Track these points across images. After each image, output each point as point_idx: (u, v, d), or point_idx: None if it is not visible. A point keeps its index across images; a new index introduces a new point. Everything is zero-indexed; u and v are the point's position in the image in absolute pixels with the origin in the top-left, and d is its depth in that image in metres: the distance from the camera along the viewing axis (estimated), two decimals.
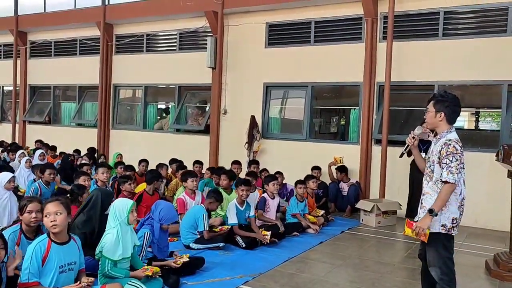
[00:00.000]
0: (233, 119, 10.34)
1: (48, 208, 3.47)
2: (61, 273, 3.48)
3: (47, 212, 3.46)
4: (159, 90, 12.25)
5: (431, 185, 3.51)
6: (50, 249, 3.43)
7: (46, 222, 3.47)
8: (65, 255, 3.53)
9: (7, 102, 14.86)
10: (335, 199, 8.69)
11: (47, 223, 3.46)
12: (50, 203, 3.51)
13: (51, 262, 3.42)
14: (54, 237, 3.49)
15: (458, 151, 3.36)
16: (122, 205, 4.07)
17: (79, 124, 13.11)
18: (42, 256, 3.39)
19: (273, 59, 9.94)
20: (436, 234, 3.45)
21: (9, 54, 14.28)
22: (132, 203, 4.12)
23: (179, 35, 11.22)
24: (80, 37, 12.73)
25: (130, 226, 4.08)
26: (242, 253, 5.69)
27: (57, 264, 3.44)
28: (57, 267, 3.44)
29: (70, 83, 13.22)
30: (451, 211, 3.42)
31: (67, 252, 3.55)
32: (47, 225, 3.47)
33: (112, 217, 4.02)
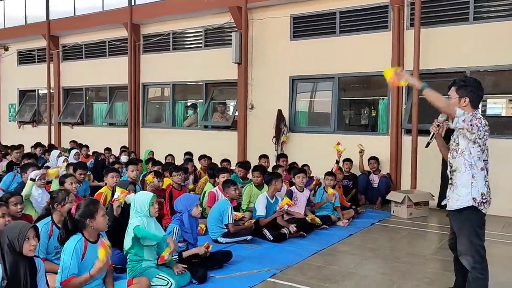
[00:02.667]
0: (260, 113, 10.33)
1: (103, 208, 3.70)
2: None
3: (103, 212, 3.66)
4: (187, 87, 12.36)
5: (457, 158, 3.43)
6: (87, 248, 3.57)
7: (103, 221, 3.66)
8: (97, 253, 3.63)
9: (43, 105, 15.32)
10: (365, 191, 8.56)
11: (103, 222, 3.67)
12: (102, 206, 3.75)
13: (88, 260, 3.54)
14: (89, 236, 3.62)
15: (482, 124, 3.33)
16: (142, 198, 4.16)
17: (110, 124, 13.39)
18: (81, 254, 3.52)
19: (298, 52, 9.86)
20: (467, 210, 3.37)
21: (42, 58, 14.71)
22: (152, 195, 4.20)
23: (204, 32, 11.28)
24: (109, 38, 12.99)
25: (153, 219, 4.15)
26: (269, 246, 5.68)
27: (92, 261, 3.54)
28: (92, 264, 3.54)
29: (101, 84, 13.52)
30: (479, 186, 3.37)
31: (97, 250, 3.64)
32: (103, 224, 3.67)
33: (134, 211, 4.11)
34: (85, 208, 3.60)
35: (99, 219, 3.62)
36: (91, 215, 3.57)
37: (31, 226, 3.25)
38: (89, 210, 3.59)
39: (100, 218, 3.62)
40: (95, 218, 3.59)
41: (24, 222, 3.46)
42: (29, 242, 3.14)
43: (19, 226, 3.22)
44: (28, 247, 3.12)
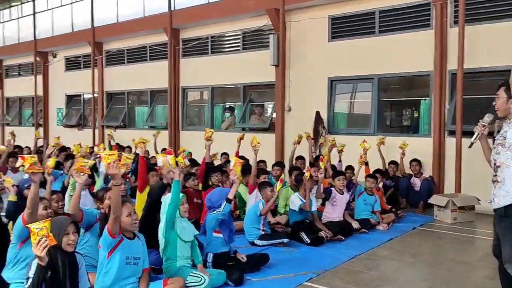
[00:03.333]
0: (298, 115, 10.27)
1: (130, 207, 3.76)
2: (127, 264, 3.68)
3: (129, 212, 3.73)
4: (225, 90, 12.46)
5: (503, 153, 3.25)
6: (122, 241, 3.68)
7: (129, 220, 3.72)
8: (131, 250, 3.74)
9: (87, 109, 15.86)
10: (406, 194, 8.33)
11: (129, 221, 3.73)
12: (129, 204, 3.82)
13: (119, 252, 3.64)
14: (126, 232, 3.73)
15: None
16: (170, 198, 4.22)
17: (151, 127, 13.69)
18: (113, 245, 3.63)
19: (337, 53, 9.74)
20: None
21: (87, 64, 15.25)
22: (181, 196, 4.25)
23: (242, 35, 11.35)
24: (150, 43, 13.30)
25: (185, 218, 4.21)
26: (306, 250, 5.61)
27: (125, 254, 3.65)
28: (124, 258, 3.63)
29: (142, 88, 13.85)
30: None
31: (133, 247, 3.77)
32: (130, 223, 3.74)
33: (163, 212, 4.19)
34: None
35: (125, 219, 3.70)
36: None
37: (71, 221, 3.36)
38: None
39: (125, 218, 3.70)
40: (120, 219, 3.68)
41: (65, 217, 3.58)
42: (69, 237, 3.24)
43: (60, 221, 3.33)
44: (67, 242, 3.23)
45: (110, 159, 3.53)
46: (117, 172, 3.52)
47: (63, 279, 3.21)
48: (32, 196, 3.60)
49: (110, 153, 3.63)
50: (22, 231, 3.58)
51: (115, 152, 3.73)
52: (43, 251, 2.88)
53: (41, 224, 2.94)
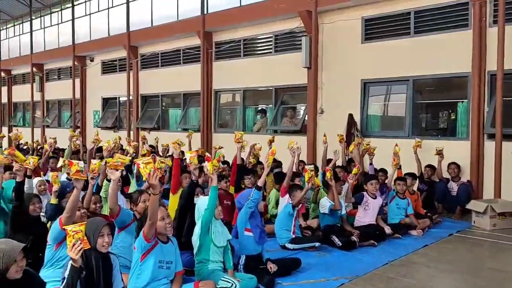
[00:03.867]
0: (330, 118, 10.16)
1: (163, 212, 3.78)
2: (159, 268, 3.72)
3: (162, 216, 3.75)
4: (257, 92, 12.48)
5: None
6: (157, 245, 3.71)
7: (163, 225, 3.75)
8: (164, 254, 3.78)
9: (123, 111, 16.22)
10: (443, 199, 8.09)
11: (163, 225, 3.76)
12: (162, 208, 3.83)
13: (152, 256, 3.67)
14: (160, 235, 3.76)
15: None
16: (203, 203, 4.23)
17: (184, 129, 13.84)
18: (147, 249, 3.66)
19: (370, 55, 9.59)
20: None
21: (123, 67, 15.60)
22: None
23: (274, 37, 11.35)
24: (183, 46, 13.48)
25: (219, 221, 4.22)
26: (338, 254, 5.54)
27: (158, 258, 3.68)
28: (157, 261, 3.66)
29: (175, 91, 14.05)
30: None
31: (166, 251, 3.81)
32: (164, 227, 3.76)
33: (198, 216, 4.21)
34: (146, 212, 3.73)
35: (158, 223, 3.71)
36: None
37: (107, 223, 3.42)
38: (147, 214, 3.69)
39: (159, 222, 3.71)
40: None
41: (101, 218, 3.65)
42: (103, 238, 3.31)
43: (96, 222, 3.41)
44: (101, 243, 3.29)
45: (148, 168, 3.51)
46: (157, 183, 3.51)
47: (97, 279, 3.29)
48: (72, 201, 3.66)
49: (146, 161, 3.60)
50: (59, 234, 3.67)
51: (150, 159, 3.71)
52: (78, 254, 2.96)
53: (77, 227, 3.00)
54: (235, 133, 6.99)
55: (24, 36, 20.93)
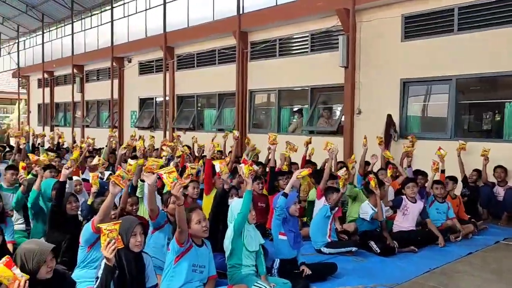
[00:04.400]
0: (368, 118, 9.89)
1: (200, 215, 3.71)
2: (193, 271, 3.66)
3: (199, 219, 3.68)
4: (292, 93, 12.32)
5: None
6: (191, 249, 3.65)
7: (199, 228, 3.67)
8: (198, 257, 3.72)
9: (159, 112, 16.41)
10: (488, 204, 7.70)
11: (199, 229, 3.68)
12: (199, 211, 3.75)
13: (186, 260, 3.60)
14: (195, 238, 3.70)
15: None
16: (238, 206, 4.12)
17: (219, 129, 13.85)
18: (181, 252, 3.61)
19: (410, 53, 9.26)
20: None
21: (160, 68, 15.78)
22: None
23: (310, 37, 11.16)
24: (219, 47, 13.49)
25: (252, 226, 4.11)
26: (376, 260, 5.33)
27: (192, 262, 3.61)
28: (191, 265, 3.60)
29: (211, 91, 14.08)
30: None
31: (200, 254, 3.75)
32: (200, 230, 3.68)
33: (231, 220, 4.11)
34: None
35: (194, 226, 3.64)
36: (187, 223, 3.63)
37: (139, 222, 3.38)
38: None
39: (194, 225, 3.64)
40: (190, 226, 3.62)
41: (134, 218, 3.62)
42: (136, 237, 3.27)
43: (129, 221, 3.38)
44: (134, 243, 3.26)
45: (171, 177, 3.44)
46: (180, 195, 3.45)
47: (130, 279, 3.25)
48: (106, 205, 3.63)
49: (169, 170, 3.53)
50: (91, 236, 3.67)
51: (173, 168, 3.63)
52: (112, 253, 2.92)
53: (111, 226, 2.97)
54: (269, 134, 6.86)
55: (66, 39, 21.57)
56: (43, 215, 5.12)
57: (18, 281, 2.49)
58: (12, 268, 2.53)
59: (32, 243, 2.98)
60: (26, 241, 3.25)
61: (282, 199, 4.55)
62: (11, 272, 2.52)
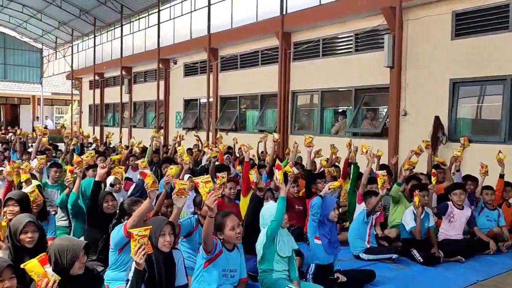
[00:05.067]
0: (414, 120, 9.50)
1: (234, 221, 3.62)
2: (223, 276, 3.59)
3: (233, 226, 3.59)
4: (335, 94, 12.07)
5: None
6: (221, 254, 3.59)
7: (233, 234, 3.58)
8: (229, 262, 3.65)
9: (203, 112, 16.58)
10: None
11: (233, 235, 3.59)
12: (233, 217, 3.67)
13: (216, 265, 3.55)
14: (226, 243, 3.63)
15: None
16: (270, 210, 4.04)
17: (261, 130, 13.79)
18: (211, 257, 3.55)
19: (460, 52, 8.80)
20: None
21: (204, 69, 15.93)
22: None
23: (354, 36, 10.88)
24: (261, 48, 13.44)
25: (285, 230, 3.99)
26: (419, 269, 5.06)
27: (222, 267, 3.55)
28: (221, 270, 3.55)
29: (253, 92, 14.06)
30: None
31: (231, 259, 3.67)
32: (233, 237, 3.60)
33: (263, 224, 4.02)
34: (216, 220, 3.56)
35: (228, 232, 3.55)
36: (219, 229, 3.56)
37: (168, 222, 3.36)
38: (218, 223, 3.56)
39: (228, 232, 3.55)
40: (223, 232, 3.54)
41: (163, 218, 3.61)
42: (165, 237, 3.24)
43: (157, 221, 3.36)
44: (162, 242, 3.24)
45: (208, 187, 3.37)
46: (214, 206, 3.36)
47: (159, 279, 3.23)
48: (142, 210, 3.59)
49: (206, 180, 3.46)
50: (121, 240, 3.66)
51: (209, 178, 3.54)
52: (143, 258, 2.92)
53: (142, 231, 2.96)
54: (305, 137, 6.68)
55: (116, 41, 22.29)
56: (82, 214, 5.19)
57: (48, 280, 2.51)
58: (45, 266, 2.55)
59: (64, 240, 3.02)
60: (58, 238, 3.30)
61: (318, 198, 4.40)
62: (43, 269, 2.54)
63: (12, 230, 3.38)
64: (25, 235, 3.37)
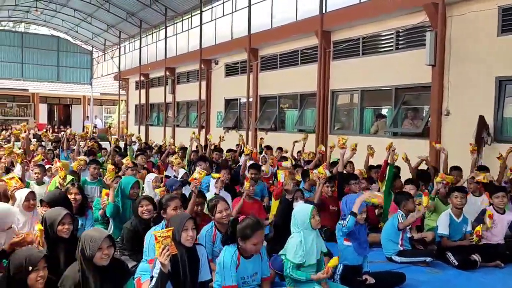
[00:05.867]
0: (457, 120, 9.18)
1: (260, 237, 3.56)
2: (243, 283, 3.60)
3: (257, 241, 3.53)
4: (376, 93, 11.83)
5: None
6: (240, 263, 3.58)
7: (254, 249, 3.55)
8: (248, 269, 3.63)
9: (243, 112, 16.72)
10: None
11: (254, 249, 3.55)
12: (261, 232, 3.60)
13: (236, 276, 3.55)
14: (243, 251, 3.60)
15: None
16: (302, 211, 3.97)
17: (300, 130, 13.76)
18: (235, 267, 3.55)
19: (507, 49, 8.41)
20: None
21: (244, 69, 16.07)
22: (311, 208, 3.97)
23: (395, 34, 10.64)
24: (301, 47, 13.40)
25: (315, 231, 3.94)
26: (454, 274, 4.90)
27: (241, 276, 3.55)
28: (240, 278, 3.56)
29: (292, 91, 14.03)
30: None
31: (250, 266, 3.65)
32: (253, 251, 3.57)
33: (294, 224, 3.97)
34: (244, 227, 3.54)
35: (250, 246, 3.52)
36: (244, 238, 3.52)
37: (190, 217, 3.44)
38: (244, 234, 3.52)
39: (250, 245, 3.51)
40: (246, 243, 3.51)
41: (186, 213, 3.70)
42: (187, 232, 3.32)
43: (180, 217, 3.45)
44: (185, 237, 3.31)
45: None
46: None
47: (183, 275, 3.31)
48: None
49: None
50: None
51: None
52: (167, 259, 3.01)
53: (165, 233, 3.05)
54: (338, 138, 6.61)
55: (160, 43, 22.89)
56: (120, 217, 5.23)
57: None
58: None
59: (94, 231, 3.19)
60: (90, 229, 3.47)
61: (352, 220, 4.26)
62: None
63: (49, 222, 3.58)
64: (62, 226, 3.57)
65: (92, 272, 2.98)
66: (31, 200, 4.57)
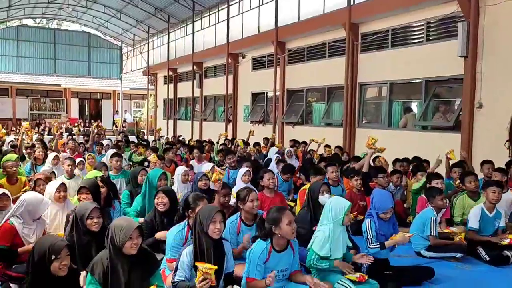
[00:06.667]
0: (490, 113, 8.91)
1: (290, 216, 3.56)
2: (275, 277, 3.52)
3: (289, 220, 3.52)
4: (405, 86, 11.61)
5: None
6: (270, 257, 3.56)
7: (288, 230, 3.51)
8: (279, 263, 3.61)
9: (270, 106, 16.69)
10: None
11: (289, 231, 3.52)
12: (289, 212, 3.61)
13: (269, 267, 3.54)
14: (276, 244, 3.58)
15: None
16: (340, 205, 3.89)
17: (327, 124, 13.65)
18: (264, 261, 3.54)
19: None
20: None
21: (271, 63, 16.01)
22: (349, 204, 3.90)
23: (426, 25, 10.39)
24: (328, 40, 13.25)
25: (343, 227, 3.89)
26: (484, 270, 4.78)
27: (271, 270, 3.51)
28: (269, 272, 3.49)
29: (320, 85, 13.91)
30: None
31: (282, 259, 3.63)
32: (289, 233, 3.53)
33: (326, 216, 3.91)
34: (271, 215, 3.55)
35: (284, 227, 3.49)
36: (275, 223, 3.49)
37: (219, 210, 3.46)
38: (274, 218, 3.51)
39: (285, 226, 3.48)
40: (280, 226, 3.48)
41: (214, 206, 3.73)
42: (215, 225, 3.34)
43: (208, 209, 3.48)
44: (213, 229, 3.34)
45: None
46: None
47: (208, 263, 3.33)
48: None
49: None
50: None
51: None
52: None
53: (207, 268, 3.07)
54: (368, 137, 6.49)
55: (188, 37, 23.06)
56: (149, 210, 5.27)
57: None
58: None
59: (122, 220, 3.26)
60: (119, 217, 3.55)
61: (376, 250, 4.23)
62: None
63: (78, 216, 3.69)
64: (91, 220, 3.67)
65: (120, 260, 3.05)
66: (62, 191, 4.71)
